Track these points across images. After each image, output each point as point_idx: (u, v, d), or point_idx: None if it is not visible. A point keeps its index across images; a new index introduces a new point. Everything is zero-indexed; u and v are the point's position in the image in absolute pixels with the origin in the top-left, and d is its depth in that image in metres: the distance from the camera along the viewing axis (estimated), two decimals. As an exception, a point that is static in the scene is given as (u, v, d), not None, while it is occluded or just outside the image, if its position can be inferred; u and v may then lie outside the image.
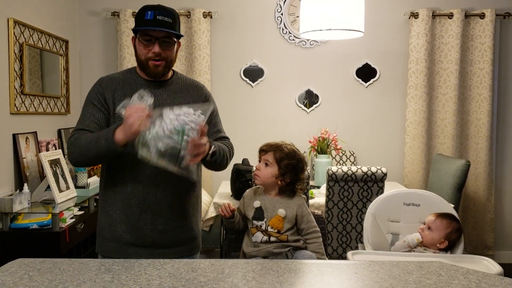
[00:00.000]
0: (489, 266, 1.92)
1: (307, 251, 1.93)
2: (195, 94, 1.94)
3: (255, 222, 1.95)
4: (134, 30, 1.83)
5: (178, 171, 1.64)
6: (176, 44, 1.86)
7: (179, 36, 1.87)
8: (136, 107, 1.61)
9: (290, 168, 1.95)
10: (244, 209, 2.01)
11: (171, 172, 1.65)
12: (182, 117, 1.60)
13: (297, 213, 1.93)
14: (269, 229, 1.92)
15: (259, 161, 2.02)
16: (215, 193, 3.82)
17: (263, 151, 2.01)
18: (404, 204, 2.39)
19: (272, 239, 1.92)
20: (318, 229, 1.97)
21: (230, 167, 3.36)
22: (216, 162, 1.80)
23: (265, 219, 1.93)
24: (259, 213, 1.94)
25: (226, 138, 1.98)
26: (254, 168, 2.02)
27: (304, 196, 2.05)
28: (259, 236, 1.93)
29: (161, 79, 1.89)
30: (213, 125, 1.94)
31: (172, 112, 1.61)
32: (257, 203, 1.97)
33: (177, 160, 1.61)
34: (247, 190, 2.08)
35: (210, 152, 1.72)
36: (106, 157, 1.75)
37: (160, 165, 1.63)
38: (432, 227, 2.22)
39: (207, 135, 1.71)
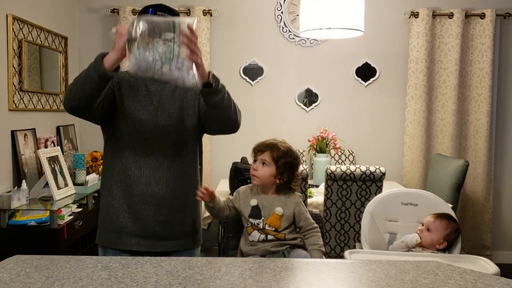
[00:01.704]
0: (486, 266, 1.92)
1: (302, 251, 1.93)
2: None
3: (251, 220, 1.94)
4: None
5: (176, 73, 1.56)
6: None
7: None
8: (124, 25, 1.60)
9: (288, 166, 1.94)
10: (239, 206, 2.00)
11: (170, 77, 1.57)
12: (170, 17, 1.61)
13: (294, 211, 1.93)
14: (267, 227, 1.91)
15: (255, 161, 1.99)
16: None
17: (259, 150, 1.98)
18: (402, 203, 2.39)
19: (270, 237, 1.91)
20: (316, 225, 1.97)
21: (228, 165, 3.37)
22: (221, 93, 1.71)
23: (263, 218, 1.92)
24: (256, 212, 1.93)
25: None
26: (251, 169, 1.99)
27: (300, 194, 2.04)
28: (256, 235, 1.92)
29: None
30: None
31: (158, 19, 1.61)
32: (253, 202, 1.95)
33: (172, 57, 1.54)
34: (242, 187, 2.05)
35: (211, 75, 1.66)
36: (95, 84, 1.64)
37: (155, 68, 1.55)
38: (431, 228, 2.21)
39: None
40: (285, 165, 1.92)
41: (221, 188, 3.70)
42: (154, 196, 1.84)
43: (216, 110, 1.79)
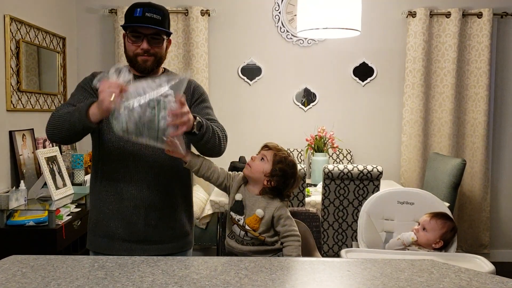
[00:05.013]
0: (482, 264, 1.92)
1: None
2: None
3: (232, 214, 1.89)
4: (123, 27, 1.82)
5: (161, 146, 1.62)
6: (165, 41, 1.86)
7: (168, 34, 1.86)
8: (110, 82, 1.56)
9: (282, 173, 1.86)
10: (231, 188, 1.94)
11: (156, 147, 1.63)
12: (158, 90, 1.56)
13: (273, 214, 1.84)
14: (246, 227, 1.87)
15: (257, 154, 1.96)
16: (212, 191, 3.83)
17: (266, 147, 1.94)
18: (398, 202, 2.40)
19: (250, 235, 1.86)
20: (297, 233, 1.86)
21: (226, 165, 3.38)
22: (205, 137, 1.71)
23: (244, 216, 1.88)
24: (239, 207, 1.87)
25: (215, 121, 1.92)
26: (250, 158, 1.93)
27: (286, 201, 1.93)
28: (237, 230, 1.88)
29: (151, 75, 1.85)
30: (200, 110, 1.89)
31: (147, 85, 1.57)
32: (238, 196, 1.89)
33: (157, 135, 1.56)
34: (238, 175, 1.96)
35: (195, 123, 1.64)
36: (78, 131, 1.67)
37: (140, 141, 1.59)
38: (427, 227, 2.21)
39: None
40: (280, 170, 1.85)
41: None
42: (145, 200, 1.83)
43: (200, 149, 1.82)
